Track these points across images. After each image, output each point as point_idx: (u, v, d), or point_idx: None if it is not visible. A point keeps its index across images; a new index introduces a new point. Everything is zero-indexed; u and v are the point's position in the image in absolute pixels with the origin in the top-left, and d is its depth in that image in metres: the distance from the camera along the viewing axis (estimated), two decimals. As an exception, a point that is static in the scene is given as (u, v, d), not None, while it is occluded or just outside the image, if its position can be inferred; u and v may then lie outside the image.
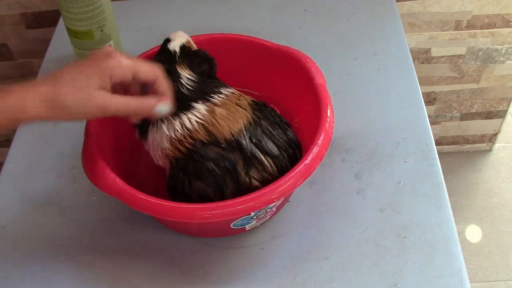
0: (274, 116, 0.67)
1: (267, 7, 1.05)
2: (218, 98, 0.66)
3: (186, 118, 0.64)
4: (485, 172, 1.64)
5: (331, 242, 0.69)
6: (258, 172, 0.63)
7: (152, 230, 0.72)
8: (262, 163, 0.63)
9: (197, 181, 0.63)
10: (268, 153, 0.64)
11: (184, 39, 0.71)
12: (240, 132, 0.63)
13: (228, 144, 0.63)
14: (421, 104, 0.84)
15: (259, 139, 0.64)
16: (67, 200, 0.76)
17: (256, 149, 0.63)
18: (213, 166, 0.62)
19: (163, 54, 0.70)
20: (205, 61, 0.71)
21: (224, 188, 0.63)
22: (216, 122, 0.64)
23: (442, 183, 0.74)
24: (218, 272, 0.67)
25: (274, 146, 0.64)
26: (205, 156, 0.63)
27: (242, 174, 0.62)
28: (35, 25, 1.20)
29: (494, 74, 1.40)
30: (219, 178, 0.62)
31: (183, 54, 0.69)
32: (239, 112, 0.65)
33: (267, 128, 0.65)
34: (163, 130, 0.65)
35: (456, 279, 0.65)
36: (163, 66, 0.66)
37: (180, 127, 0.64)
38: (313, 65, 0.73)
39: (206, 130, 0.64)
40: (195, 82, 0.67)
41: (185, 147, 0.64)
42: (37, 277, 0.68)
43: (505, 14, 1.26)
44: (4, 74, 1.32)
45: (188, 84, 0.67)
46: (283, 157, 0.65)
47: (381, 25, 0.99)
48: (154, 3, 1.07)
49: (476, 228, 1.53)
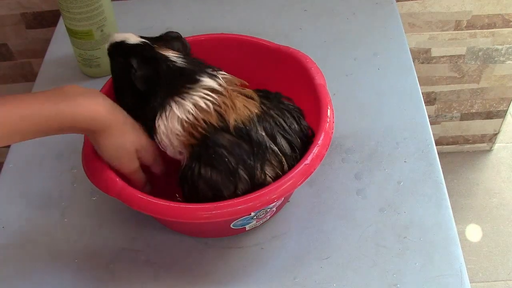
0: (284, 103, 0.66)
1: (267, 7, 1.05)
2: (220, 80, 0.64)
3: (198, 98, 0.62)
4: (485, 172, 1.64)
5: (331, 242, 0.69)
6: (272, 167, 0.62)
7: (152, 230, 0.72)
8: (279, 158, 0.62)
9: (211, 170, 0.61)
10: (281, 151, 0.63)
11: (131, 34, 0.68)
12: (252, 121, 0.62)
13: (240, 131, 0.61)
14: (421, 104, 0.84)
15: (274, 134, 0.62)
16: (67, 200, 0.76)
17: (272, 143, 0.62)
18: (225, 153, 0.60)
19: (132, 50, 0.66)
20: (175, 39, 0.69)
21: (238, 181, 0.61)
22: (227, 106, 0.61)
23: (442, 183, 0.74)
24: (218, 272, 0.67)
25: (287, 144, 0.63)
26: (217, 142, 0.60)
27: (257, 168, 0.61)
28: (35, 25, 1.20)
29: (494, 74, 1.40)
30: (232, 167, 0.60)
31: (151, 40, 0.67)
32: (248, 101, 0.63)
33: (279, 120, 0.63)
34: (173, 112, 0.62)
35: (456, 279, 0.65)
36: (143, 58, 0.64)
37: (193, 108, 0.61)
38: (313, 65, 0.73)
39: (219, 114, 0.61)
40: (184, 58, 0.65)
41: (199, 133, 0.61)
42: (37, 277, 0.68)
43: (505, 14, 1.26)
44: (4, 74, 1.32)
45: (178, 60, 0.64)
46: (295, 154, 0.63)
47: (381, 25, 0.99)
48: (154, 3, 1.07)
49: (476, 228, 1.53)
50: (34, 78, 0.95)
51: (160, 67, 0.64)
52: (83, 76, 0.94)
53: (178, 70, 0.64)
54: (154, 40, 0.68)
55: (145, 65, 0.65)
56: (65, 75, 0.95)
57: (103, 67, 0.92)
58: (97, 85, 0.73)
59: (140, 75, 0.65)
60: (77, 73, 0.94)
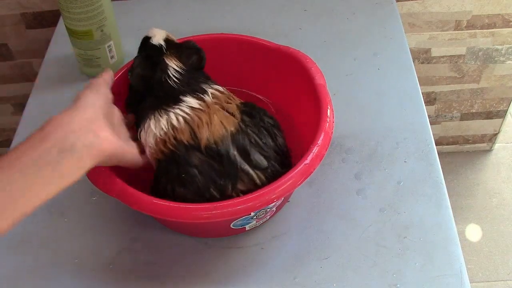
0: (264, 120, 0.66)
1: (267, 7, 1.05)
2: (207, 97, 0.65)
3: (173, 115, 0.63)
4: (485, 172, 1.64)
5: (331, 242, 0.69)
6: (244, 185, 0.62)
7: (152, 230, 0.72)
8: (250, 176, 0.62)
9: (180, 187, 0.62)
10: (256, 166, 0.62)
11: (164, 33, 0.70)
12: (226, 140, 0.61)
13: (211, 151, 0.61)
14: (421, 104, 0.84)
15: (247, 151, 0.62)
16: (67, 200, 0.76)
17: (244, 162, 0.61)
18: (196, 172, 0.61)
19: (149, 49, 0.69)
20: (194, 51, 0.70)
21: (209, 199, 0.61)
22: (202, 124, 0.62)
23: (442, 183, 0.74)
24: (218, 272, 0.67)
25: (262, 158, 0.63)
26: (188, 161, 0.61)
27: (228, 188, 0.61)
28: (35, 25, 1.20)
29: (494, 74, 1.40)
30: (202, 186, 0.61)
31: (170, 46, 0.69)
32: (227, 118, 0.64)
33: (254, 138, 0.63)
34: (150, 128, 0.64)
35: (456, 279, 0.65)
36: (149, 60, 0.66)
37: (166, 125, 0.63)
38: (313, 65, 0.73)
39: (192, 130, 0.62)
40: (182, 74, 0.67)
41: (168, 149, 0.62)
42: (37, 277, 0.68)
43: (505, 14, 1.26)
44: (4, 74, 1.32)
45: (174, 76, 0.66)
46: (272, 167, 0.63)
47: (381, 25, 0.99)
48: (154, 3, 1.07)
49: (476, 228, 1.53)
50: (34, 78, 0.95)
51: (155, 76, 0.66)
52: (83, 76, 0.94)
53: (168, 87, 0.65)
54: (173, 46, 0.69)
55: (145, 67, 0.68)
56: (65, 75, 0.95)
57: (103, 67, 0.91)
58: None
59: (137, 74, 0.68)
60: (77, 73, 0.94)
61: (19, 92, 1.37)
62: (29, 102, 0.90)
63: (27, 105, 0.90)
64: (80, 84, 0.91)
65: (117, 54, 0.92)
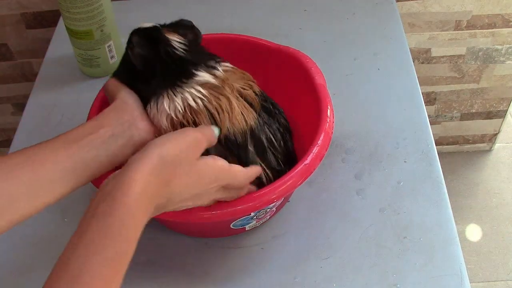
0: (280, 122, 0.64)
1: (267, 7, 1.05)
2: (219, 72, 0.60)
3: (188, 95, 0.58)
4: (485, 172, 1.64)
5: (331, 242, 0.69)
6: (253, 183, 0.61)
7: (152, 230, 0.71)
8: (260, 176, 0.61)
9: None
10: (270, 166, 0.62)
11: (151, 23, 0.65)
12: (245, 135, 0.59)
13: (229, 142, 0.59)
14: (421, 104, 0.84)
15: (265, 150, 0.61)
16: (67, 200, 0.76)
17: (260, 161, 0.60)
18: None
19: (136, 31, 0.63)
20: (188, 28, 0.66)
21: None
22: (222, 111, 0.58)
23: (442, 183, 0.74)
24: (218, 272, 0.67)
25: (276, 159, 0.62)
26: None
27: None
28: (35, 25, 1.20)
29: (494, 74, 1.40)
30: None
31: (163, 26, 0.64)
32: (247, 109, 0.61)
33: (270, 137, 0.62)
34: (163, 107, 0.58)
35: (456, 279, 0.65)
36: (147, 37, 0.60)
37: (182, 106, 0.58)
38: (313, 65, 0.73)
39: (211, 116, 0.58)
40: (187, 46, 0.62)
41: None
42: (37, 277, 0.68)
43: (505, 14, 1.26)
44: (4, 74, 1.32)
45: (180, 48, 0.61)
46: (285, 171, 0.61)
47: (381, 25, 0.99)
48: (154, 3, 1.07)
49: (476, 228, 1.53)
50: (34, 78, 0.95)
51: (160, 50, 0.61)
52: (83, 76, 0.94)
53: (176, 59, 0.60)
54: (167, 25, 0.65)
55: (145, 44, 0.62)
56: (65, 75, 0.94)
57: (103, 67, 0.92)
58: (97, 85, 0.73)
59: (138, 53, 0.61)
60: (77, 73, 0.94)
61: (19, 92, 1.37)
62: (29, 102, 0.90)
63: (27, 105, 0.90)
64: (80, 84, 0.92)
65: (117, 54, 0.92)
